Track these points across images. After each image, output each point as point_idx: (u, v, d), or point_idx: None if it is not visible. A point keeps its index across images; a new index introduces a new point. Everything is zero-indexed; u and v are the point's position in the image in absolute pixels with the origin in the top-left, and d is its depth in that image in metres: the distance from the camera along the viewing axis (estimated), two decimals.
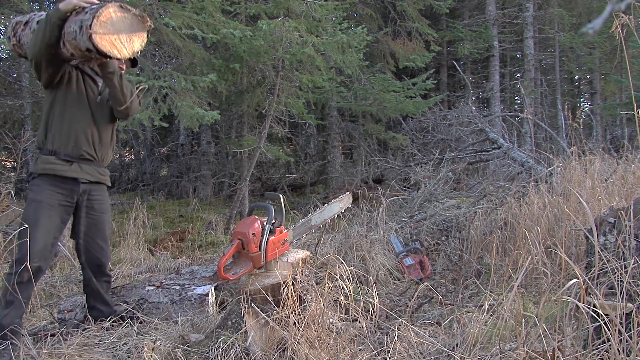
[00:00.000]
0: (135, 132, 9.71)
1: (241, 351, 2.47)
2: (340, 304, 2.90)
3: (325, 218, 3.84)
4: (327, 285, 2.79)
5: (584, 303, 2.05)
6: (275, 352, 2.50)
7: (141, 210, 6.69)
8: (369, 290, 3.21)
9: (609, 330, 1.98)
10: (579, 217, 3.96)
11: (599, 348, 2.07)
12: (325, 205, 3.90)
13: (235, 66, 7.03)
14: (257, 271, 2.97)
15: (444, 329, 2.94)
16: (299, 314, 2.61)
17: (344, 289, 2.79)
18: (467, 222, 4.97)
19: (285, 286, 2.67)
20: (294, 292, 2.68)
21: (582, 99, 23.23)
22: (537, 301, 3.35)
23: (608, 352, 2.00)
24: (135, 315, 3.20)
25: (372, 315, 2.92)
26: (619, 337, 1.97)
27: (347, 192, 4.25)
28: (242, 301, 2.70)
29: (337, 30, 7.46)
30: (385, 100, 10.35)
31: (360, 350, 2.58)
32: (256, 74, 7.96)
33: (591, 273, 2.29)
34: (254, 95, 8.19)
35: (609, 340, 1.99)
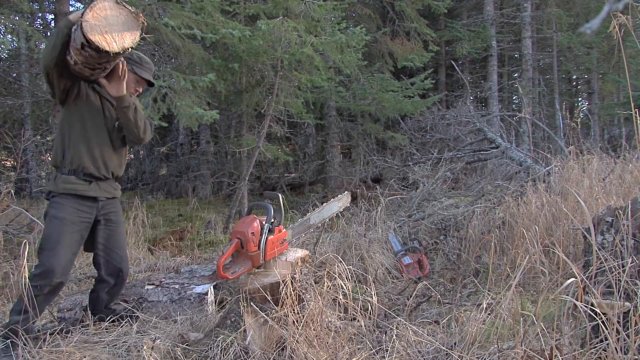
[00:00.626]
0: None
1: (240, 350, 2.47)
2: (339, 302, 2.91)
3: (324, 217, 3.85)
4: (326, 284, 2.80)
5: (581, 302, 2.06)
6: (274, 351, 2.51)
7: (141, 209, 6.70)
8: (367, 289, 3.21)
9: (607, 329, 1.99)
10: (577, 216, 3.97)
11: (596, 347, 2.07)
12: (324, 204, 3.92)
13: (234, 66, 7.04)
14: (256, 270, 2.98)
15: (442, 327, 2.95)
16: (298, 313, 2.61)
17: (342, 288, 2.80)
18: (466, 222, 4.98)
19: (284, 285, 2.68)
20: (293, 291, 2.68)
21: (580, 99, 23.26)
22: (535, 300, 3.36)
23: (606, 350, 2.01)
24: (135, 314, 3.21)
25: (370, 314, 2.93)
26: (616, 335, 1.98)
27: (346, 192, 4.26)
28: (241, 300, 2.70)
29: (335, 30, 7.46)
30: (383, 100, 10.36)
31: (359, 349, 2.59)
32: (255, 73, 7.96)
33: (589, 272, 2.29)
34: (253, 95, 8.19)
35: (606, 339, 2.00)
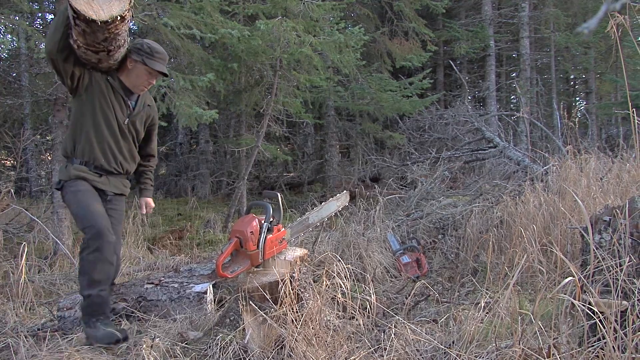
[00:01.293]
0: None
1: (239, 348, 2.48)
2: (338, 301, 2.92)
3: (323, 216, 3.86)
4: (325, 283, 2.80)
5: (579, 301, 2.07)
6: (273, 350, 2.51)
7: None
8: (366, 288, 3.23)
9: (604, 327, 1.99)
10: (575, 215, 3.98)
11: (594, 345, 2.08)
12: (323, 203, 3.92)
13: (234, 66, 7.04)
14: (255, 269, 2.98)
15: (440, 326, 2.96)
16: (297, 312, 2.62)
17: (341, 286, 2.81)
18: (464, 221, 4.99)
19: (283, 284, 2.68)
20: (292, 289, 2.69)
21: (577, 98, 23.28)
22: (532, 299, 3.38)
23: (603, 349, 2.02)
24: (134, 313, 3.21)
25: (369, 312, 2.93)
26: (614, 334, 1.99)
27: (345, 191, 4.26)
28: (240, 299, 2.70)
29: (334, 30, 7.47)
30: (382, 100, 10.37)
31: (357, 348, 2.59)
32: (254, 73, 7.96)
33: (586, 271, 2.30)
34: (252, 95, 8.20)
35: (604, 338, 2.00)
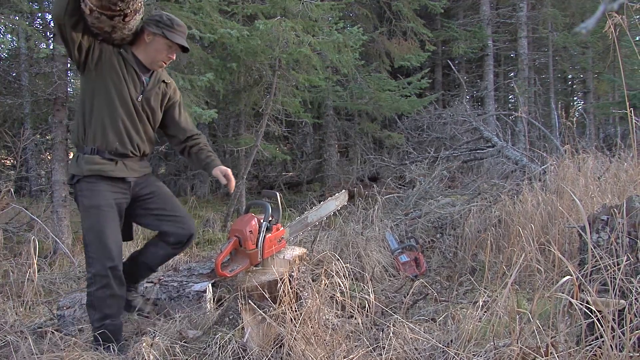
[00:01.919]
0: None
1: (238, 347, 2.48)
2: (336, 300, 2.92)
3: (322, 215, 3.86)
4: (324, 282, 2.81)
5: (577, 300, 2.08)
6: (272, 348, 2.51)
7: None
8: (364, 287, 3.23)
9: (602, 326, 2.00)
10: (572, 214, 3.99)
11: (592, 344, 2.08)
12: (322, 203, 3.92)
13: (233, 65, 7.04)
14: (254, 268, 2.99)
15: (438, 325, 2.96)
16: (296, 311, 2.62)
17: (340, 285, 2.81)
18: (462, 220, 5.00)
19: (282, 283, 2.69)
20: (291, 288, 2.69)
21: (575, 98, 23.31)
22: (530, 298, 3.38)
23: (601, 348, 2.02)
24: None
25: (367, 311, 2.94)
26: (611, 333, 1.99)
27: (343, 190, 4.27)
28: (239, 298, 2.70)
29: (333, 30, 7.47)
30: (380, 99, 10.38)
31: (356, 346, 2.60)
32: (253, 73, 7.97)
33: (584, 270, 2.31)
34: (251, 94, 8.20)
35: (602, 337, 2.01)
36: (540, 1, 15.97)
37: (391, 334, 2.53)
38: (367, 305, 2.95)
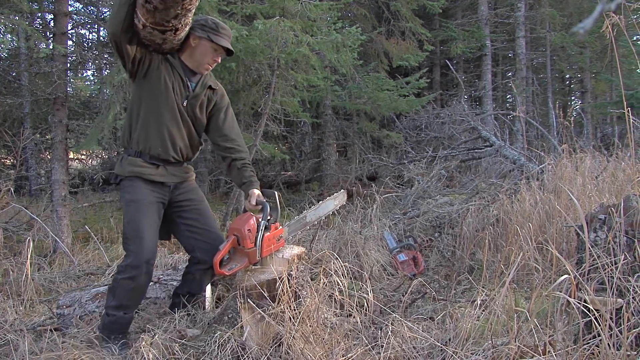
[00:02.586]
0: None
1: (237, 346, 2.49)
2: (335, 299, 2.93)
3: (320, 215, 3.87)
4: (322, 280, 2.81)
5: (574, 298, 2.09)
6: (271, 347, 2.52)
7: None
8: (363, 285, 3.24)
9: (600, 325, 2.01)
10: (570, 213, 3.99)
11: (589, 343, 2.09)
12: (320, 202, 3.92)
13: (232, 65, 7.04)
14: (253, 267, 2.99)
15: (437, 323, 2.96)
16: (294, 309, 2.63)
17: (338, 284, 2.82)
18: (460, 219, 5.00)
19: (281, 282, 2.69)
20: (290, 287, 2.69)
21: (573, 98, 23.34)
22: (528, 297, 3.39)
23: (598, 346, 2.03)
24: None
25: (366, 310, 2.94)
26: (609, 332, 2.00)
27: (342, 190, 4.27)
28: (238, 297, 2.71)
29: (331, 30, 7.47)
30: (379, 99, 10.38)
31: (354, 345, 2.60)
32: (252, 73, 7.96)
33: (582, 269, 2.32)
34: (250, 94, 8.19)
35: (599, 335, 2.02)
36: (538, 1, 15.99)
37: (389, 333, 2.53)
38: (365, 304, 2.96)
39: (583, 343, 2.11)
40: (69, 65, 6.43)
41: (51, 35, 7.43)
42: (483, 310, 2.65)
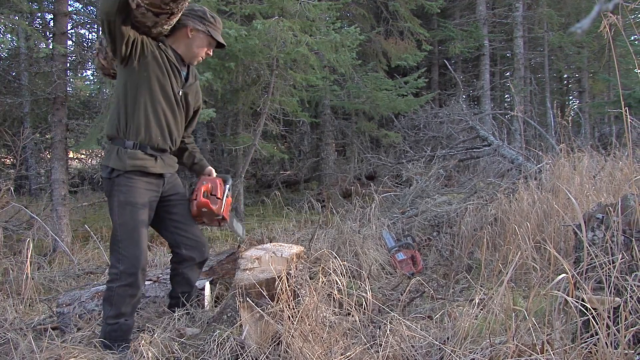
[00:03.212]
0: None
1: (236, 344, 2.49)
2: (334, 298, 2.93)
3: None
4: (321, 279, 2.82)
5: (572, 297, 2.08)
6: (270, 346, 2.52)
7: None
8: (361, 284, 3.24)
9: (597, 324, 2.01)
10: (568, 213, 4.00)
11: (587, 341, 2.08)
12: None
13: (231, 65, 7.05)
14: (218, 226, 3.18)
15: (435, 322, 2.96)
16: (293, 308, 2.63)
17: (337, 283, 2.82)
18: (458, 218, 5.00)
19: (280, 281, 2.69)
20: (288, 286, 2.69)
21: (570, 97, 23.37)
22: (526, 295, 3.39)
23: (596, 345, 2.02)
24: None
25: (365, 309, 2.95)
26: (606, 330, 2.00)
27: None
28: (238, 295, 2.71)
29: (330, 30, 7.49)
30: (377, 99, 10.39)
31: (353, 344, 2.60)
32: (251, 72, 7.97)
33: (580, 268, 2.31)
34: (249, 94, 8.20)
35: (597, 334, 2.01)
36: (536, 1, 16.02)
37: (388, 332, 2.53)
38: (364, 303, 2.96)
39: (581, 342, 2.11)
40: (68, 65, 6.43)
41: (51, 35, 7.44)
42: (481, 309, 2.65)
